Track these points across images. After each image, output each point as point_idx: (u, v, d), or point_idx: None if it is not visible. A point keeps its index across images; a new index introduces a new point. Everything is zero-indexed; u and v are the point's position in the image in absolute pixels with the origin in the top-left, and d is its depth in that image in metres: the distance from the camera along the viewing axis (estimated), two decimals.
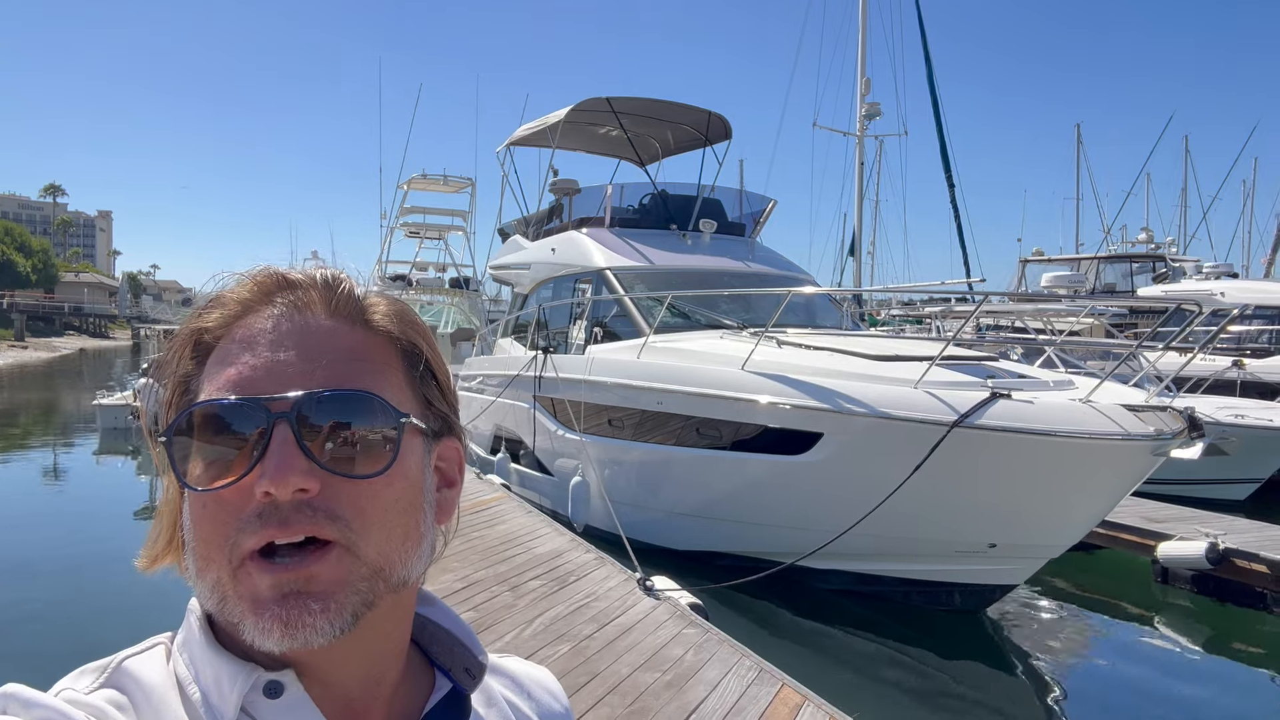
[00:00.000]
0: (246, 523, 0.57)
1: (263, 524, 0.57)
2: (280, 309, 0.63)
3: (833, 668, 6.20)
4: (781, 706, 4.09)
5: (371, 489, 0.60)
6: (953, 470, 6.14)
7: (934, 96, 20.00)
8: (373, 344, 0.64)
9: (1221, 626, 7.45)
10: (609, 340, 9.32)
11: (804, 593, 7.28)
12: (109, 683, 0.59)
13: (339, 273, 0.67)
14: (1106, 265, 23.70)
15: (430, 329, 0.73)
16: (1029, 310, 14.41)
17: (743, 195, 12.28)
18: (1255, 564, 7.40)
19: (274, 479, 0.56)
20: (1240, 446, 10.61)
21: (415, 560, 0.64)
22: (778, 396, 6.88)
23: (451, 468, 0.70)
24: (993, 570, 6.88)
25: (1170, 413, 6.16)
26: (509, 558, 6.57)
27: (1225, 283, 18.00)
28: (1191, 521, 8.55)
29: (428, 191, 29.40)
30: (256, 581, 0.57)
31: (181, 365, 0.64)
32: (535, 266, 11.73)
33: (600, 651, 4.71)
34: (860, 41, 20.00)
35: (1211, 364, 12.36)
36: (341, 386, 0.60)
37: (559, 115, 12.32)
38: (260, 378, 0.60)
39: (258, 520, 0.57)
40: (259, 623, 0.57)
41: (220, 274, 0.68)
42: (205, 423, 0.59)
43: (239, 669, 0.60)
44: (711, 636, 4.98)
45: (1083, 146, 45.88)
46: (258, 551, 0.57)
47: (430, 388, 0.68)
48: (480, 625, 5.05)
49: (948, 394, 6.20)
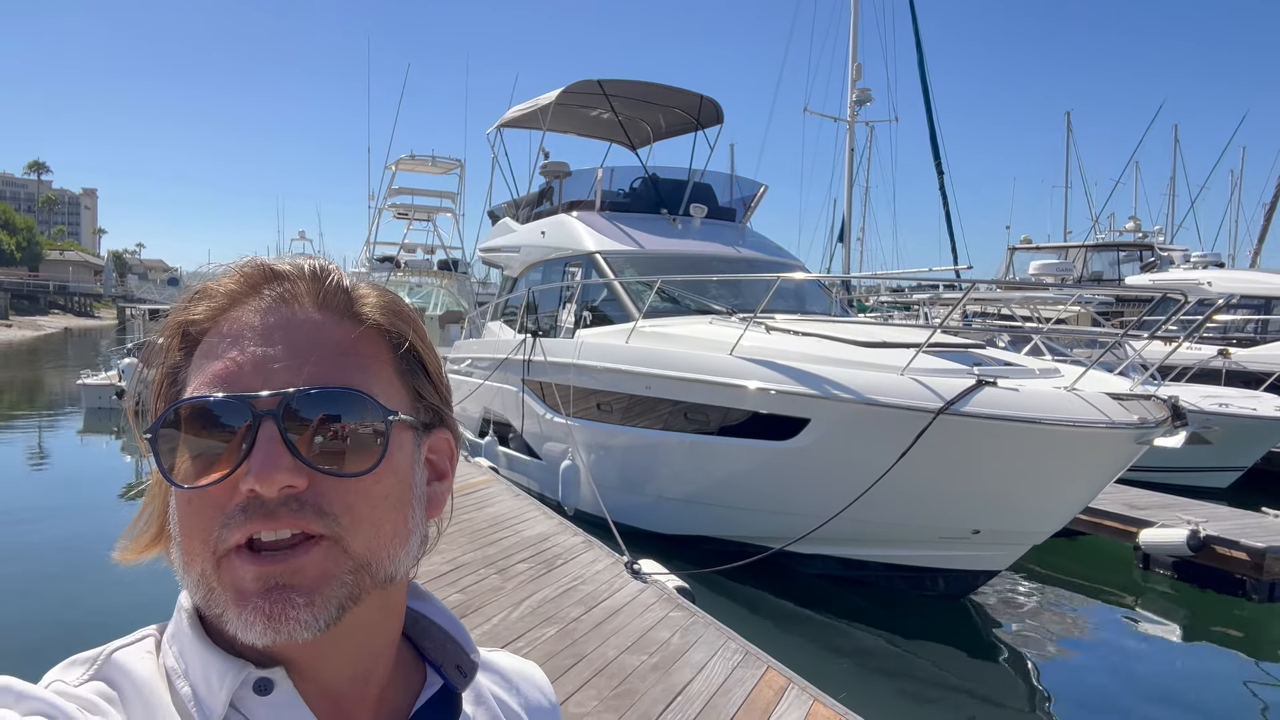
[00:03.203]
0: (231, 517, 0.56)
1: (247, 518, 0.56)
2: (267, 301, 0.62)
3: (818, 651, 6.25)
4: (766, 689, 4.12)
5: (360, 485, 0.59)
6: (938, 457, 6.17)
7: (924, 82, 19.91)
8: (361, 337, 0.63)
9: (1201, 612, 7.54)
10: (598, 324, 9.32)
11: (789, 577, 7.33)
12: (98, 675, 0.59)
13: (327, 263, 0.66)
14: (1094, 253, 23.78)
15: (419, 311, 0.72)
16: (1016, 298, 14.48)
17: (733, 180, 12.25)
18: (1235, 551, 7.50)
19: (259, 476, 0.56)
20: (1223, 435, 10.72)
21: (404, 555, 0.63)
22: (766, 382, 6.90)
23: (442, 460, 0.69)
24: (976, 556, 6.94)
25: (1154, 401, 6.20)
26: (497, 540, 6.58)
27: (1212, 272, 18.13)
28: (1173, 509, 8.64)
29: (416, 173, 29.22)
30: (240, 573, 0.56)
31: (170, 356, 0.64)
32: (525, 249, 11.69)
33: (587, 634, 4.73)
34: (852, 27, 19.93)
35: (1197, 353, 12.46)
36: (329, 383, 0.59)
37: (550, 97, 12.24)
38: (247, 373, 0.59)
39: (242, 514, 0.56)
40: (242, 615, 0.56)
41: (207, 265, 0.67)
42: (191, 419, 0.59)
43: (228, 665, 0.59)
44: (698, 619, 5.01)
45: (1072, 135, 45.96)
46: (243, 544, 0.57)
47: (421, 380, 0.67)
48: (468, 607, 5.07)
49: (934, 381, 6.23)
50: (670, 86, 12.59)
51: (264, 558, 0.56)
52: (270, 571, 0.56)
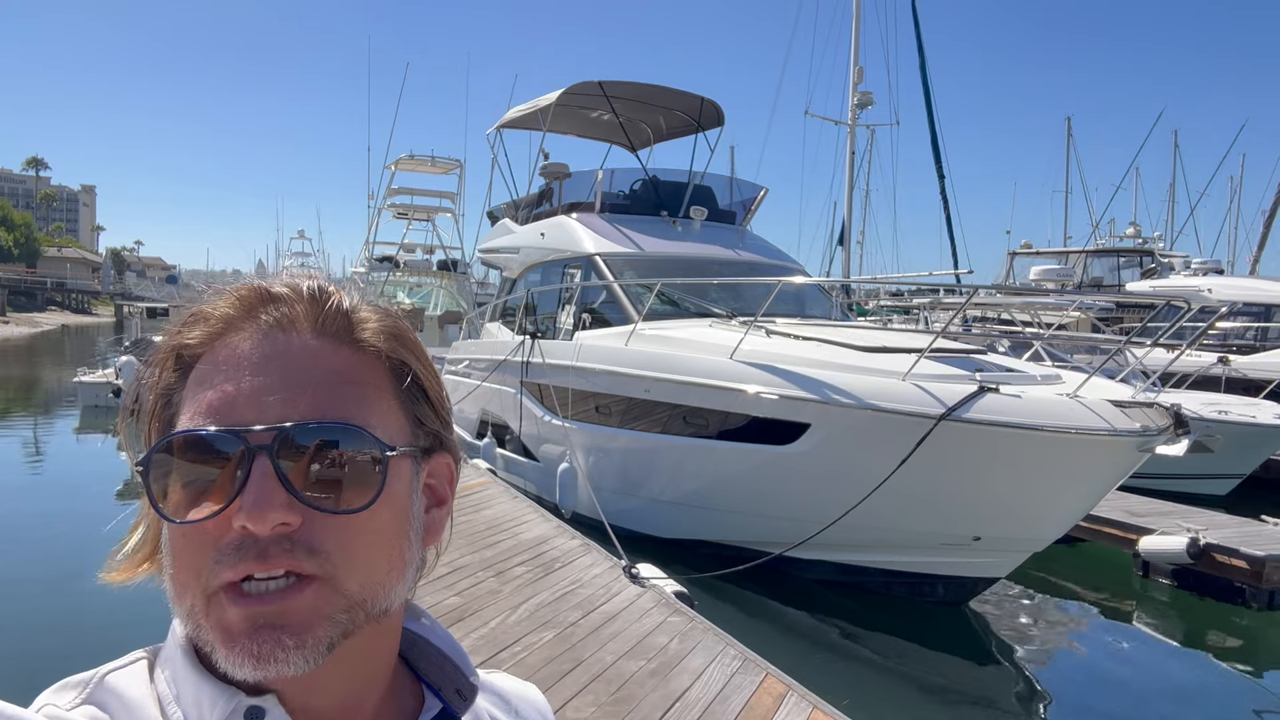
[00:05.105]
0: (224, 554, 0.55)
1: (240, 557, 0.55)
2: (264, 327, 0.60)
3: (817, 658, 6.22)
4: (765, 696, 4.09)
5: (355, 521, 0.58)
6: (939, 463, 6.14)
7: (926, 86, 19.90)
8: (361, 364, 0.62)
9: (1201, 620, 7.52)
10: (597, 326, 9.29)
11: (788, 582, 7.30)
12: (91, 699, 0.58)
13: (327, 285, 0.64)
14: (1094, 259, 23.82)
15: (418, 311, 0.69)
16: (1017, 303, 14.47)
17: (734, 183, 12.22)
18: (1235, 559, 7.47)
19: (252, 514, 0.54)
20: (1224, 443, 10.70)
21: (399, 588, 0.62)
22: (766, 386, 6.86)
23: (442, 484, 0.68)
24: (976, 563, 6.91)
25: (1156, 409, 6.17)
26: (494, 543, 6.55)
27: (1212, 279, 18.11)
28: (1173, 516, 8.61)
29: (416, 172, 29.27)
30: (229, 613, 0.55)
31: (164, 378, 0.62)
32: (524, 251, 11.67)
33: (585, 639, 4.70)
34: (854, 30, 19.93)
35: (1197, 360, 12.46)
36: (326, 416, 0.58)
37: (550, 98, 12.21)
38: (241, 405, 0.57)
39: (235, 553, 0.55)
40: (230, 655, 0.55)
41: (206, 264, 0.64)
42: (184, 450, 0.57)
43: (220, 693, 0.58)
44: (696, 625, 4.98)
45: (1073, 140, 46.05)
46: (235, 582, 0.55)
47: (421, 406, 0.65)
48: (465, 611, 5.04)
49: (936, 387, 6.20)
50: (671, 88, 12.57)
51: (253, 598, 0.55)
52: (260, 613, 0.55)
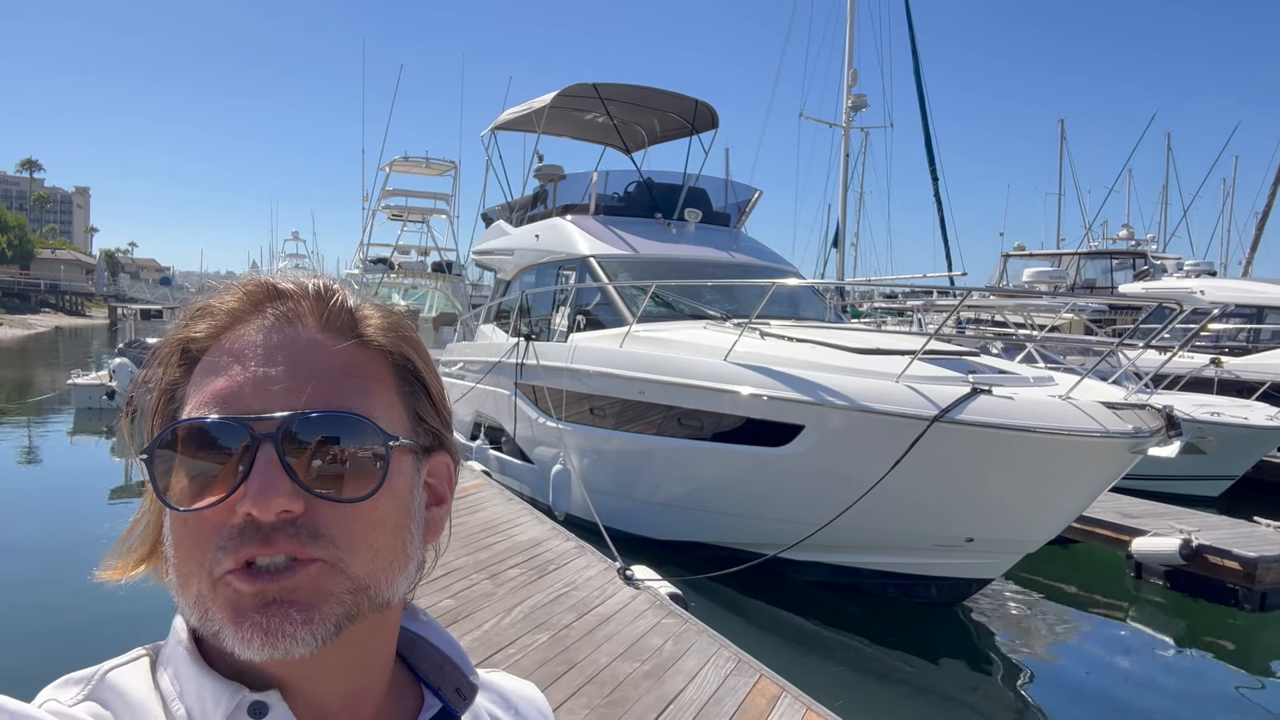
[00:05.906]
0: (228, 539, 0.56)
1: (243, 541, 0.56)
2: (270, 320, 0.62)
3: (810, 659, 6.23)
4: (759, 697, 4.10)
5: (358, 510, 0.59)
6: (933, 464, 6.16)
7: (919, 87, 20.03)
8: (364, 359, 0.63)
9: (1193, 621, 7.54)
10: (592, 328, 9.29)
11: (782, 584, 7.31)
12: (93, 695, 0.59)
13: (331, 282, 0.65)
14: (1087, 261, 23.88)
15: (413, 313, 0.71)
16: (1010, 305, 14.50)
17: (728, 185, 12.24)
18: (1227, 560, 7.50)
19: (257, 501, 0.55)
20: (1216, 445, 10.74)
21: (401, 580, 0.63)
22: (760, 388, 6.88)
23: (441, 484, 0.69)
24: (970, 564, 6.93)
25: (1149, 411, 6.20)
26: (489, 545, 6.55)
27: (1205, 281, 18.18)
28: (1165, 517, 8.64)
29: (410, 174, 29.25)
30: (238, 590, 0.56)
31: (168, 372, 0.63)
32: (519, 252, 11.66)
33: (579, 641, 4.70)
34: (848, 33, 19.99)
35: (1189, 361, 12.49)
36: (330, 406, 0.59)
37: (545, 100, 12.22)
38: (247, 394, 0.58)
39: (238, 538, 0.56)
40: (239, 632, 0.56)
41: (200, 265, 0.65)
42: (188, 439, 0.58)
43: (223, 688, 0.59)
44: (690, 627, 4.98)
45: (1066, 142, 46.19)
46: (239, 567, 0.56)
47: (422, 403, 0.66)
48: (459, 613, 5.04)
49: (929, 388, 6.22)
50: (665, 91, 12.58)
51: (262, 575, 0.56)
52: (267, 589, 0.56)
